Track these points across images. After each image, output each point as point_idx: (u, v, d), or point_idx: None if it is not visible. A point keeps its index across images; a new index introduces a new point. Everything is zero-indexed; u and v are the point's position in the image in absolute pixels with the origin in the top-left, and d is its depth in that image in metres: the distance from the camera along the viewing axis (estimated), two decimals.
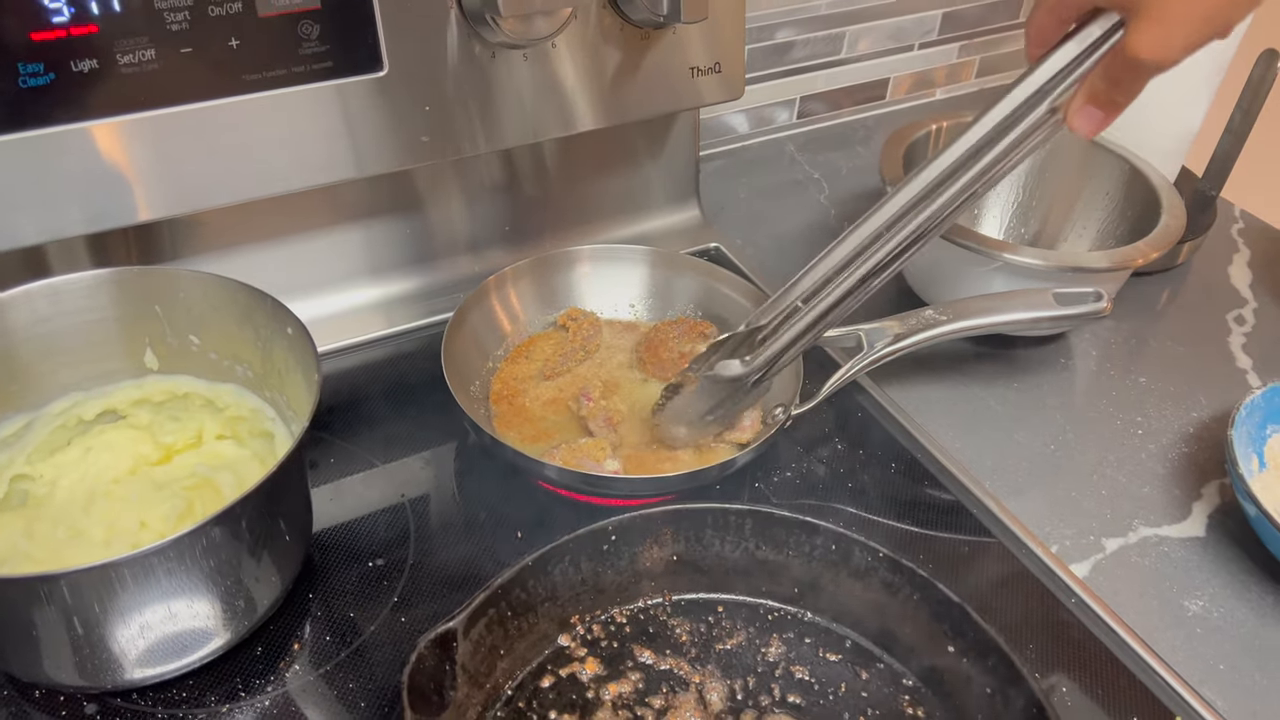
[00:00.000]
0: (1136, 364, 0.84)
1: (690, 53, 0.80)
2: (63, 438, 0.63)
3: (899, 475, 0.72)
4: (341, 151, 0.70)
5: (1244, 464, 0.67)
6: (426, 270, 0.85)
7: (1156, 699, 0.59)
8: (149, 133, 0.63)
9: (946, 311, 0.72)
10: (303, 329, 0.59)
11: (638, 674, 0.58)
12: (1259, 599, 0.65)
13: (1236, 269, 0.95)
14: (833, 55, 1.08)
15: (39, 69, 0.59)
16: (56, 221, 0.64)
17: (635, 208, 0.93)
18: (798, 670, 0.59)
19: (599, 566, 0.59)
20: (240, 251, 0.77)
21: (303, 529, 0.61)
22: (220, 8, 0.62)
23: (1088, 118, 0.54)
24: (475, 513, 0.69)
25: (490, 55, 0.72)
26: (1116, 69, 0.52)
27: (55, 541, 0.58)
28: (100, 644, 0.52)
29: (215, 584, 0.54)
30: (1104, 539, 0.69)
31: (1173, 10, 0.48)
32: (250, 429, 0.65)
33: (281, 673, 0.58)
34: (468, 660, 0.53)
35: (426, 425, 0.74)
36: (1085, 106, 0.54)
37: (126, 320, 0.63)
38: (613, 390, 0.74)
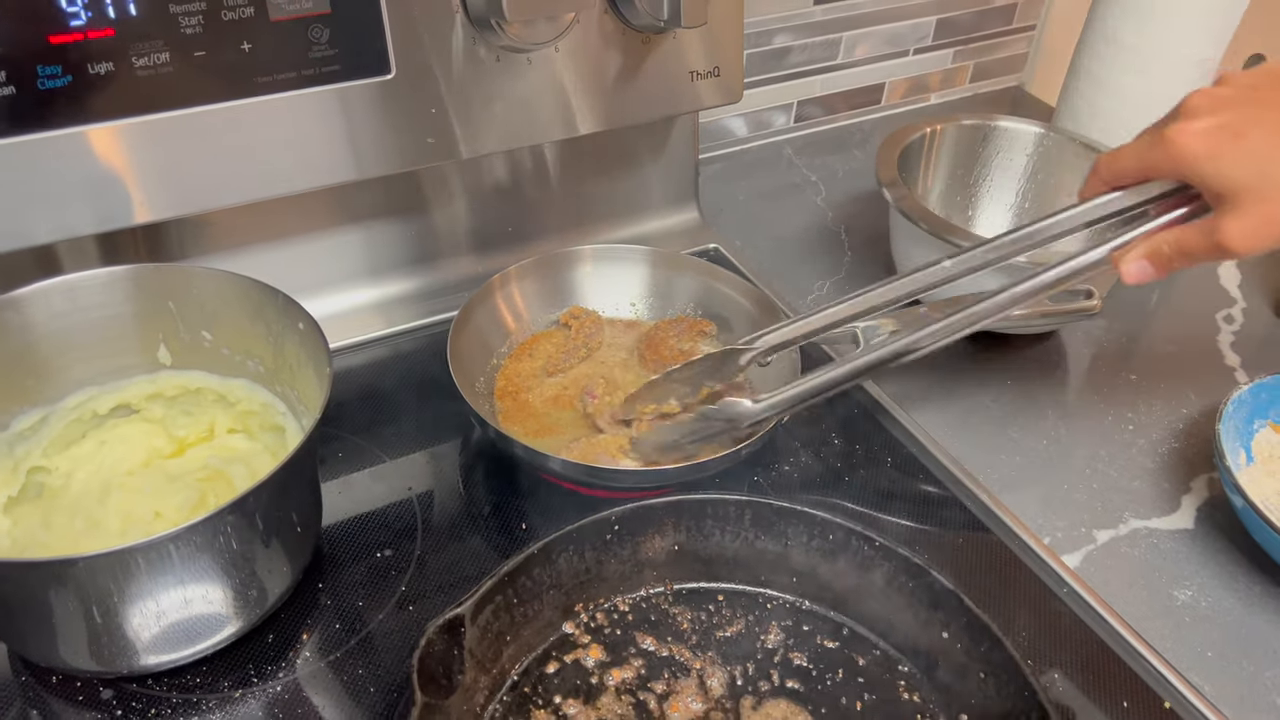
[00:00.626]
0: (1128, 362, 0.85)
1: (690, 57, 0.81)
2: (78, 431, 0.65)
3: (894, 470, 0.74)
4: (349, 153, 0.72)
5: (1231, 458, 0.69)
6: (430, 270, 0.87)
7: (1146, 685, 0.61)
8: (162, 134, 0.65)
9: (940, 309, 0.73)
10: (314, 324, 0.60)
11: (640, 660, 0.59)
12: (1246, 588, 0.67)
13: (1226, 270, 0.97)
14: (829, 60, 1.10)
15: (57, 71, 0.61)
16: (69, 220, 0.66)
17: (635, 209, 0.94)
18: (796, 657, 0.60)
19: (602, 556, 0.61)
20: (248, 251, 0.78)
21: (313, 520, 0.63)
22: (233, 12, 0.64)
23: (1140, 270, 0.57)
24: (481, 506, 0.70)
25: (495, 59, 0.73)
26: (1195, 244, 0.54)
27: (72, 531, 0.60)
28: (116, 629, 0.54)
29: (228, 572, 0.55)
30: (1095, 531, 0.70)
31: (1267, 211, 0.50)
32: (261, 423, 0.66)
33: (292, 660, 0.60)
34: (475, 646, 0.55)
35: (432, 421, 0.75)
36: (1141, 260, 0.56)
37: (141, 316, 0.64)
38: (615, 387, 0.76)
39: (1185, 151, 0.51)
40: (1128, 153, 0.56)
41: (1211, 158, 0.51)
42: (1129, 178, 0.57)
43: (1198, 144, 0.51)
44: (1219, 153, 0.50)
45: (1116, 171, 0.57)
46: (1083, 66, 0.96)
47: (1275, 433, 0.74)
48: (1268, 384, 0.73)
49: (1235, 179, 0.50)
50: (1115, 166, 0.57)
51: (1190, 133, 0.51)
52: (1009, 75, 1.26)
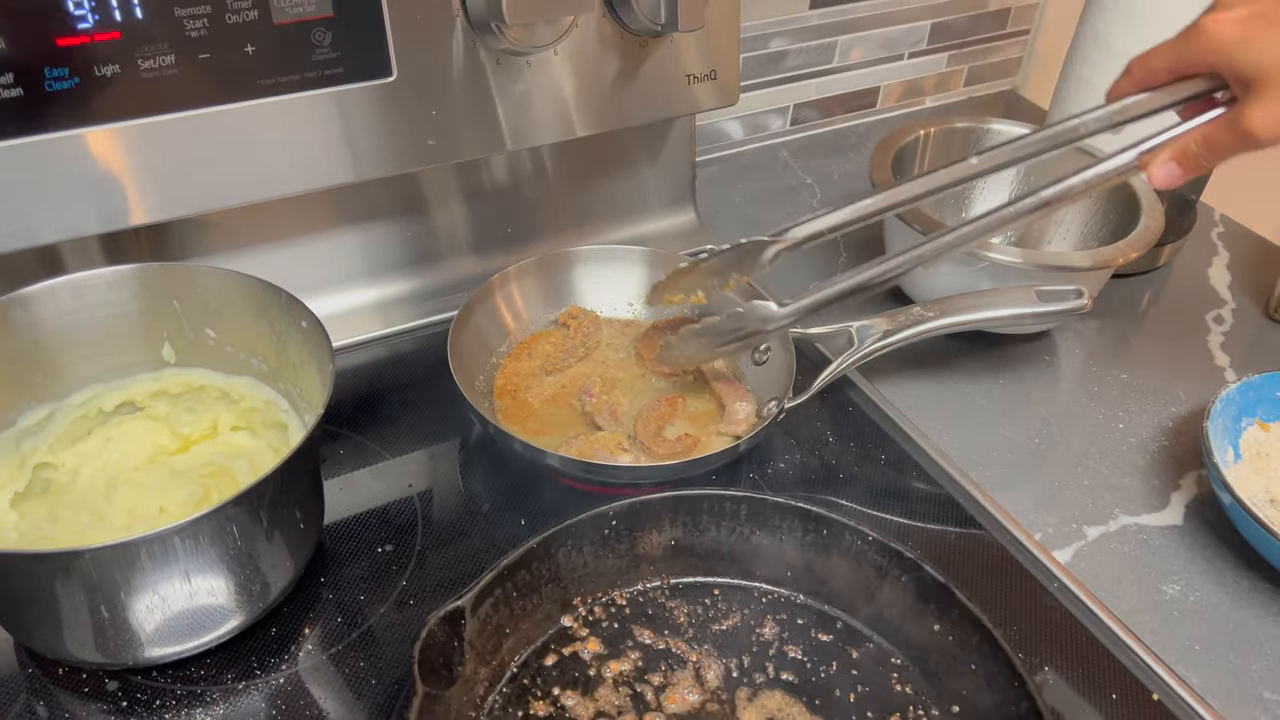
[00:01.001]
0: (1119, 361, 0.86)
1: (687, 60, 0.82)
2: (83, 428, 0.66)
3: (888, 467, 0.75)
4: (350, 155, 0.73)
5: (1220, 455, 0.70)
6: (430, 270, 0.88)
7: (1135, 678, 0.62)
8: (167, 135, 0.66)
9: (934, 308, 0.74)
10: (317, 323, 0.61)
11: (637, 653, 0.60)
12: (1233, 583, 0.68)
13: (1216, 271, 0.98)
14: (825, 64, 1.11)
15: (64, 73, 0.62)
16: (74, 220, 0.67)
17: (633, 211, 0.95)
18: (791, 650, 0.61)
19: (600, 550, 0.62)
20: (250, 251, 0.79)
21: (315, 515, 0.64)
22: (237, 15, 0.65)
23: (1169, 173, 0.57)
24: (480, 502, 0.71)
25: (494, 62, 0.74)
26: (1221, 138, 0.54)
27: (79, 526, 0.61)
28: (122, 622, 0.54)
29: (232, 565, 0.56)
30: (1086, 527, 0.71)
31: None
32: (264, 420, 0.67)
33: (294, 653, 0.61)
34: (475, 638, 0.56)
35: (432, 420, 0.76)
36: (1169, 163, 0.57)
37: (146, 314, 0.65)
38: (612, 386, 0.77)
39: (1217, 37, 0.52)
40: (1161, 49, 0.55)
41: (1242, 42, 0.51)
42: (1161, 75, 0.56)
43: (1230, 30, 0.51)
44: (1250, 38, 0.51)
45: (1149, 69, 0.56)
46: (1075, 71, 0.97)
47: (1263, 431, 0.75)
48: (1255, 383, 0.74)
49: (1265, 64, 0.51)
50: (1148, 63, 0.56)
51: (1223, 21, 0.52)
52: (1003, 79, 1.27)
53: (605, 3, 0.76)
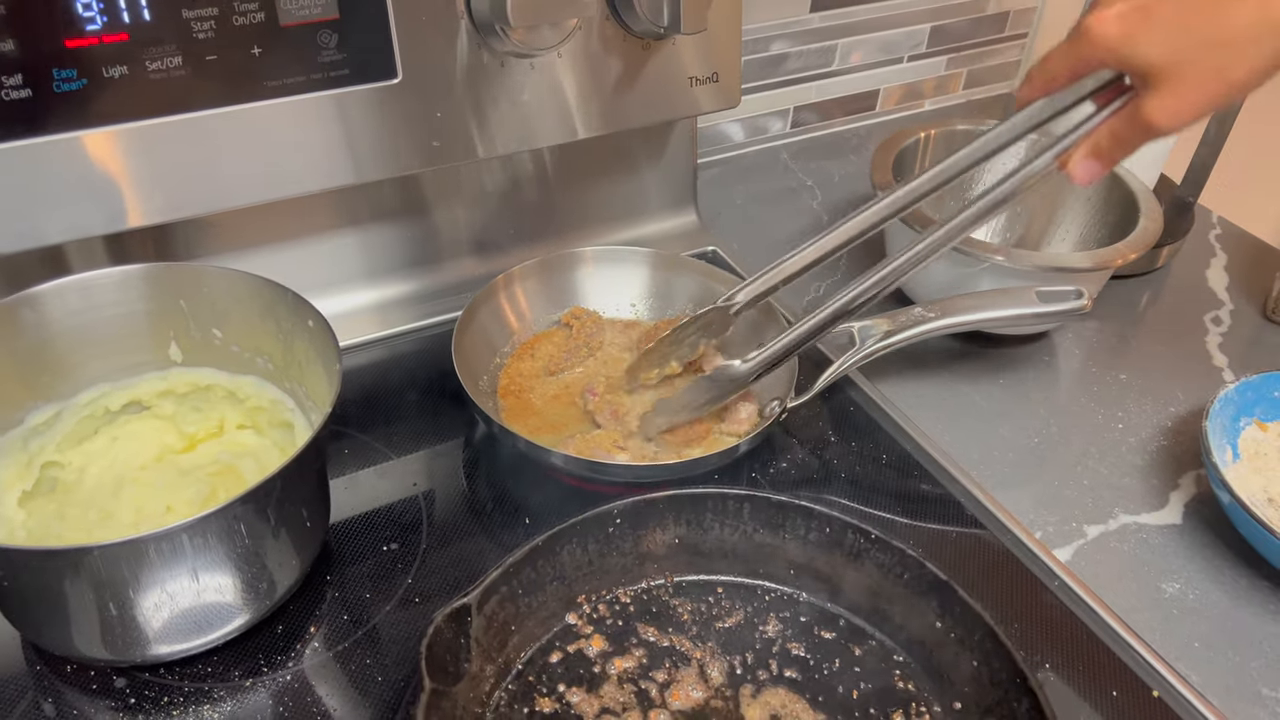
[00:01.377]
0: (1118, 362, 0.87)
1: (689, 63, 0.83)
2: (90, 427, 0.66)
3: (889, 467, 0.75)
4: (356, 156, 0.73)
5: (1218, 455, 0.71)
6: (434, 271, 0.88)
7: (1135, 675, 0.62)
8: (174, 137, 0.66)
9: (934, 309, 0.75)
10: (324, 322, 0.62)
11: (642, 650, 0.61)
12: (1232, 581, 0.68)
13: (1214, 272, 0.99)
14: (825, 67, 1.12)
15: (72, 74, 0.62)
16: (80, 220, 0.67)
17: (635, 212, 0.96)
18: (794, 647, 0.61)
19: (604, 548, 0.62)
20: (254, 251, 0.80)
21: (321, 514, 0.64)
22: (244, 17, 0.65)
23: (1087, 169, 0.58)
24: (485, 501, 0.71)
25: (499, 64, 0.75)
26: (1125, 130, 0.55)
27: (86, 524, 0.61)
28: (130, 619, 0.55)
29: (240, 563, 0.57)
30: (1086, 526, 0.72)
31: (1189, 84, 0.51)
32: (270, 419, 0.68)
33: (301, 650, 0.61)
34: (481, 635, 0.56)
35: (436, 419, 0.77)
36: (1086, 159, 0.58)
37: (153, 314, 0.65)
38: (615, 386, 0.77)
39: (1104, 37, 0.52)
40: (1055, 55, 0.56)
41: (1126, 39, 0.52)
42: (1061, 78, 0.57)
43: (1111, 28, 0.52)
44: (1132, 33, 0.51)
45: (1048, 75, 0.57)
46: None
47: (1261, 430, 0.75)
48: (1254, 383, 0.75)
49: (1150, 57, 0.51)
50: (1046, 69, 0.57)
51: (1104, 19, 0.52)
52: (1002, 82, 1.28)
53: (608, 5, 0.76)
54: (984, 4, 1.18)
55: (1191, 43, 0.50)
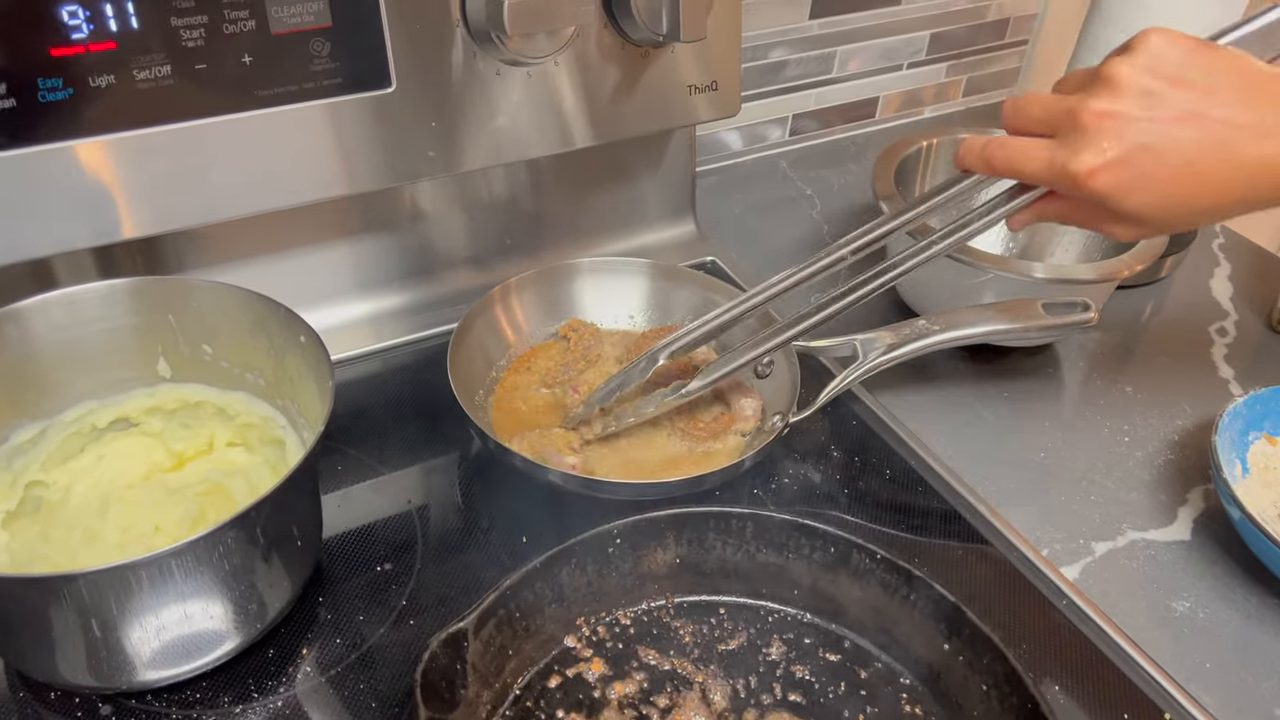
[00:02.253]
0: (1123, 374, 0.86)
1: (687, 71, 0.82)
2: (76, 445, 0.64)
3: (893, 482, 0.74)
4: (349, 166, 0.72)
5: (1228, 469, 0.69)
6: (429, 283, 0.87)
7: (1146, 697, 0.61)
8: (164, 147, 0.65)
9: (938, 322, 0.74)
10: (316, 337, 0.60)
11: (642, 674, 0.59)
12: (1243, 599, 0.67)
13: (1218, 282, 0.98)
14: (824, 74, 1.11)
15: (58, 84, 0.60)
16: (68, 233, 0.65)
17: (633, 222, 0.95)
18: (798, 670, 0.60)
19: (604, 569, 0.61)
20: (245, 264, 0.78)
21: (313, 534, 0.62)
22: (234, 25, 0.64)
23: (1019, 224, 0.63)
24: (480, 518, 0.70)
25: (494, 72, 0.74)
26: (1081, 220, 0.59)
27: (71, 545, 0.59)
28: (116, 645, 0.53)
29: (229, 587, 0.55)
30: (1093, 543, 0.71)
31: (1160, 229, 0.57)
32: (261, 436, 0.66)
33: (293, 675, 0.59)
34: (478, 660, 0.55)
35: (431, 434, 0.75)
36: (1024, 220, 0.62)
37: (140, 329, 0.64)
38: None
39: (1096, 193, 0.54)
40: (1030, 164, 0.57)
41: (1120, 196, 0.54)
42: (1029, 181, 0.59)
43: (1107, 184, 0.54)
44: (1126, 193, 0.54)
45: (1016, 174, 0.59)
46: None
47: (1270, 445, 0.74)
48: (1263, 396, 0.74)
49: (1136, 211, 0.55)
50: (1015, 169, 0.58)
51: (1101, 175, 0.53)
52: (1001, 90, 1.27)
53: (607, 13, 0.75)
54: (984, 11, 1.17)
55: (1175, 207, 0.54)
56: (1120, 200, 0.54)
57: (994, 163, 0.59)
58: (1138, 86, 0.53)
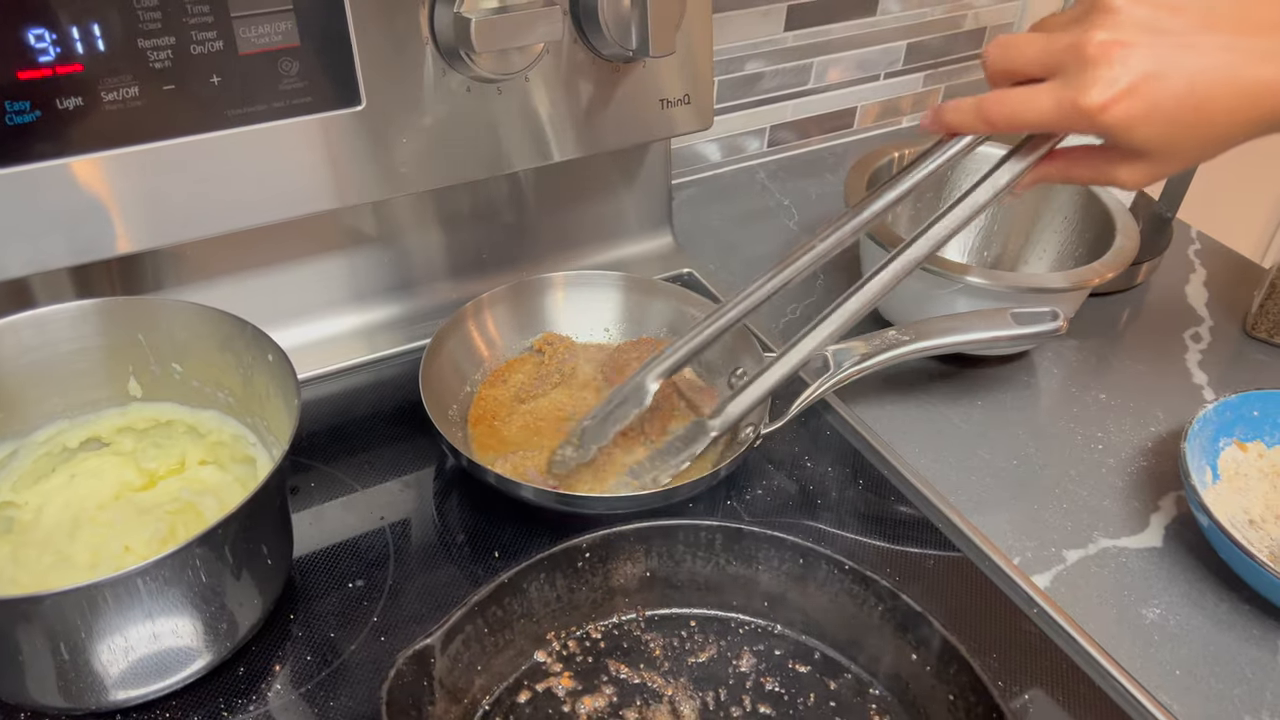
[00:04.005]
0: (1097, 381, 0.86)
1: (660, 85, 0.82)
2: (47, 465, 0.65)
3: (867, 492, 0.74)
4: (321, 183, 0.72)
5: (1197, 476, 0.70)
6: (406, 297, 0.87)
7: (1115, 705, 0.61)
8: (133, 167, 0.65)
9: (909, 332, 0.74)
10: (283, 355, 0.60)
11: (612, 688, 0.59)
12: (1214, 606, 0.67)
13: (1193, 288, 0.98)
14: (801, 85, 1.12)
15: (25, 107, 0.61)
16: (41, 254, 0.66)
17: (610, 235, 0.95)
18: (768, 681, 0.60)
19: (573, 583, 0.61)
20: (222, 281, 0.78)
21: (284, 551, 0.63)
22: (201, 46, 0.64)
23: (1024, 187, 0.62)
24: (454, 534, 0.70)
25: (465, 89, 0.74)
26: (1083, 178, 0.59)
27: (41, 567, 0.59)
28: (85, 665, 0.53)
29: (198, 605, 0.55)
30: (1065, 551, 0.71)
31: (1167, 164, 0.55)
32: (232, 454, 0.66)
33: (264, 692, 0.60)
34: (445, 676, 0.55)
35: (406, 449, 0.75)
36: (1029, 184, 0.62)
37: (110, 349, 0.64)
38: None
39: (1108, 127, 0.53)
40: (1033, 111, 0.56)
41: (1127, 127, 0.53)
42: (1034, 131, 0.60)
43: (1117, 116, 0.53)
44: (1134, 123, 0.53)
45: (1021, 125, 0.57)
46: None
47: (1241, 451, 0.74)
48: (1233, 402, 0.74)
49: (1144, 143, 0.54)
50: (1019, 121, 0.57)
51: (1112, 105, 0.52)
52: None
53: (576, 29, 0.76)
54: (960, 21, 1.18)
55: (1182, 136, 0.53)
56: (1130, 134, 0.53)
57: (993, 118, 0.57)
58: (1137, 15, 0.52)
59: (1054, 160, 0.60)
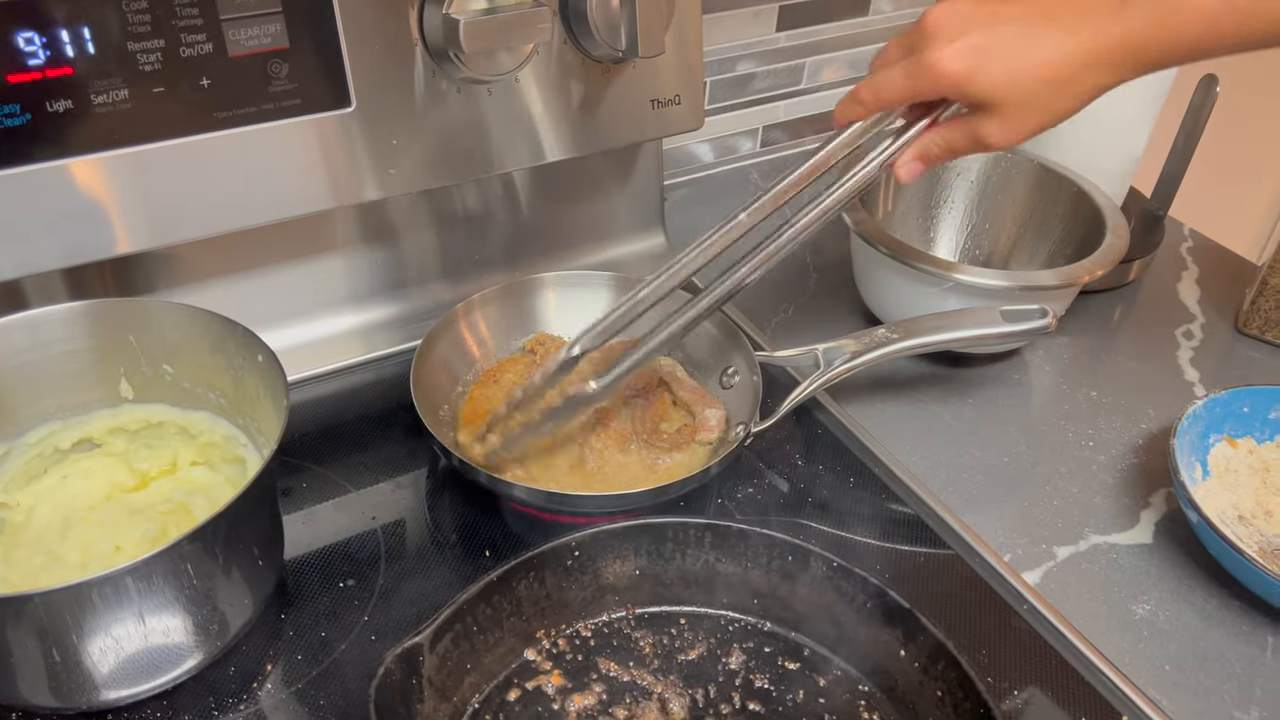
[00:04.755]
0: (1089, 378, 0.86)
1: (650, 86, 0.82)
2: (39, 466, 0.65)
3: (858, 489, 0.74)
4: (312, 185, 0.72)
5: (1187, 473, 0.70)
6: (399, 298, 0.87)
7: (1104, 700, 0.61)
8: (124, 169, 0.66)
9: (899, 330, 0.74)
10: (272, 356, 0.61)
11: (602, 686, 0.60)
12: (1203, 602, 0.68)
13: (1185, 285, 0.98)
14: (793, 85, 1.12)
15: (15, 110, 0.61)
16: (33, 256, 0.66)
17: (602, 235, 0.95)
18: (757, 679, 0.60)
19: (563, 582, 0.61)
20: (216, 283, 0.79)
21: (274, 550, 0.63)
22: (191, 49, 0.64)
23: (912, 171, 0.64)
24: (445, 534, 0.70)
25: (455, 90, 0.74)
26: (960, 144, 0.61)
27: (32, 567, 0.60)
28: (76, 665, 0.54)
29: (188, 604, 0.55)
30: (1055, 547, 0.71)
31: (1022, 113, 0.58)
32: (223, 455, 0.67)
33: (254, 691, 0.60)
34: (434, 674, 0.55)
35: (397, 450, 0.76)
36: (913, 162, 0.63)
37: (102, 351, 0.64)
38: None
39: (948, 76, 0.57)
40: (891, 84, 0.60)
41: (970, 78, 0.57)
42: (895, 104, 0.62)
43: (957, 67, 0.57)
44: (976, 72, 0.56)
45: (884, 100, 0.61)
46: None
47: (1231, 447, 0.75)
48: (1223, 399, 0.74)
49: (992, 92, 0.57)
50: (883, 97, 0.61)
51: (949, 58, 0.57)
52: None
53: (566, 30, 0.76)
54: None
55: (1023, 80, 0.56)
56: (973, 84, 0.57)
57: (863, 98, 0.62)
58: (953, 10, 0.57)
59: (932, 132, 0.62)
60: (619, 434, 0.73)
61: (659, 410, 0.76)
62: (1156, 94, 0.90)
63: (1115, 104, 0.92)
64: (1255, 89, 1.39)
